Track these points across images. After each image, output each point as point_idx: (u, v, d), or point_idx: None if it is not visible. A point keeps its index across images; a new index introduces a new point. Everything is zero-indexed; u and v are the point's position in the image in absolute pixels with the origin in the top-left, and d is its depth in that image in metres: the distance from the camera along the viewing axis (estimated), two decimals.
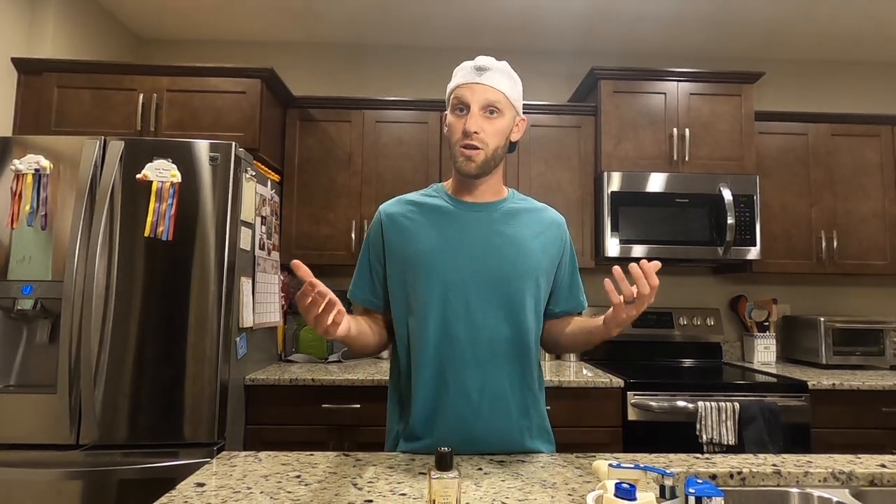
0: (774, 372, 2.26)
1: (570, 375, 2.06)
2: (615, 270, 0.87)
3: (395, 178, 2.39)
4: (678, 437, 1.91)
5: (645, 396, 1.96)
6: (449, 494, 0.68)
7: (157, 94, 2.11)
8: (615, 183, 2.33)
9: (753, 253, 2.33)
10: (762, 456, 1.03)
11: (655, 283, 0.85)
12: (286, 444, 1.88)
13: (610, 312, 0.93)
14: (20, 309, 1.71)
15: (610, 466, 0.71)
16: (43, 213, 1.74)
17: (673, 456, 1.03)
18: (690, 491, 0.66)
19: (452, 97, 1.05)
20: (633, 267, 0.85)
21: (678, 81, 2.41)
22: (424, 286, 1.03)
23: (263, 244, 2.11)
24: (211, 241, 1.75)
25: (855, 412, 2.01)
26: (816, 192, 2.47)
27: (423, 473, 0.91)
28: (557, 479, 0.90)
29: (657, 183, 2.34)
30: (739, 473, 0.94)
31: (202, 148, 1.78)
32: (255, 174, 2.00)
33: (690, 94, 2.41)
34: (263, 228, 2.11)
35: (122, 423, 1.68)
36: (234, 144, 1.81)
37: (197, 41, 2.81)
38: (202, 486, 0.85)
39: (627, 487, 0.62)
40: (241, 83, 2.13)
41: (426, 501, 0.75)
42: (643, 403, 1.95)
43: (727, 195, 2.29)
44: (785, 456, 1.03)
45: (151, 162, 1.75)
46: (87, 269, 1.68)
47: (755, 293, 2.73)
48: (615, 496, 0.62)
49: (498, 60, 1.05)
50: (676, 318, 2.60)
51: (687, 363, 2.53)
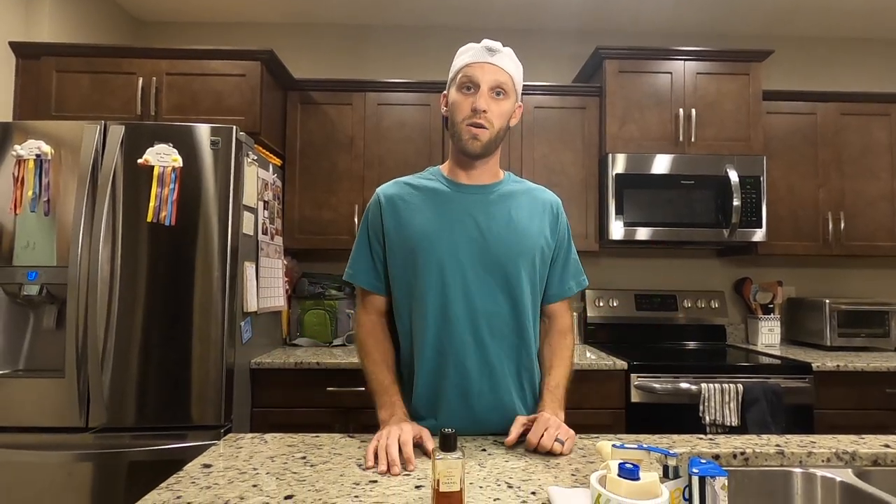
0: (778, 354, 2.26)
1: (574, 357, 2.06)
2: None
3: (397, 161, 2.37)
4: (681, 419, 1.92)
5: (648, 378, 1.97)
6: (453, 475, 0.69)
7: (156, 77, 2.09)
8: (620, 165, 2.30)
9: (759, 235, 2.31)
10: (765, 436, 1.03)
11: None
12: (292, 426, 1.90)
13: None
14: (26, 295, 1.72)
15: (613, 447, 0.72)
16: (46, 198, 1.73)
17: (676, 437, 1.04)
18: (694, 471, 0.66)
19: (461, 75, 1.04)
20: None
21: (684, 60, 2.36)
22: (423, 268, 1.03)
23: (266, 229, 2.11)
24: (214, 225, 1.75)
25: (859, 393, 2.01)
26: (824, 172, 2.43)
27: (426, 454, 0.92)
28: (561, 459, 0.91)
29: (662, 164, 2.31)
30: (743, 454, 0.95)
31: (203, 132, 1.77)
32: (256, 158, 1.99)
33: (697, 73, 2.36)
34: (266, 213, 2.11)
35: (130, 406, 1.70)
36: (234, 128, 1.79)
37: (196, 23, 2.77)
38: (209, 467, 0.86)
39: (631, 468, 0.62)
40: (240, 66, 2.10)
41: (430, 481, 0.75)
42: (646, 385, 1.96)
43: (733, 176, 2.26)
44: (788, 436, 1.03)
45: (152, 147, 1.74)
46: (91, 254, 1.69)
47: (760, 275, 2.71)
48: (618, 476, 0.62)
49: (501, 41, 1.07)
50: (680, 300, 2.59)
51: (691, 345, 2.53)
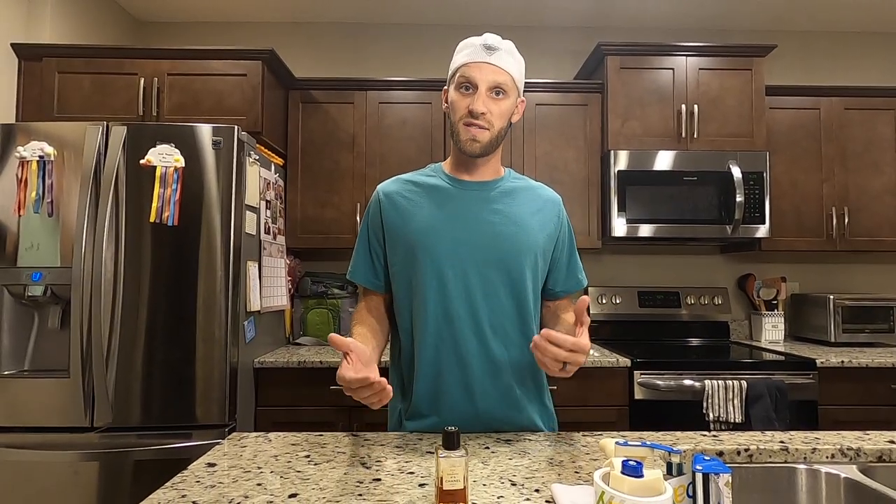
0: (782, 350, 2.25)
1: None
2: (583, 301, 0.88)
3: (398, 159, 2.37)
4: (685, 415, 1.92)
5: (652, 375, 1.96)
6: (456, 473, 0.69)
7: (157, 77, 2.09)
8: (622, 162, 2.30)
9: (762, 231, 2.30)
10: (769, 433, 1.03)
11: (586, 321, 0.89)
12: (296, 424, 1.91)
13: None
14: (31, 295, 1.73)
15: (617, 444, 0.71)
16: (49, 199, 1.74)
17: (680, 434, 1.03)
18: (697, 468, 0.66)
19: (458, 74, 1.03)
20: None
21: (686, 56, 2.35)
22: (423, 265, 1.03)
23: (269, 228, 2.11)
24: (216, 225, 1.75)
25: (863, 389, 2.01)
26: (828, 167, 2.42)
27: (430, 452, 0.92)
28: (564, 457, 0.91)
29: (665, 161, 2.30)
30: (747, 450, 0.95)
31: (205, 132, 1.77)
32: (258, 158, 1.99)
33: (699, 68, 2.35)
34: (268, 212, 2.11)
35: (134, 405, 1.71)
36: (236, 128, 1.80)
37: (196, 23, 2.78)
38: (213, 466, 0.86)
39: (634, 465, 0.62)
40: (241, 65, 2.11)
41: (434, 480, 0.75)
42: (650, 382, 1.95)
43: (736, 172, 2.25)
44: (792, 433, 1.03)
45: (154, 147, 1.74)
46: (94, 254, 1.70)
47: (764, 271, 2.70)
48: (622, 473, 0.62)
49: (503, 38, 1.04)
50: (684, 297, 2.59)
51: (694, 342, 2.53)
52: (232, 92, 2.10)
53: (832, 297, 2.37)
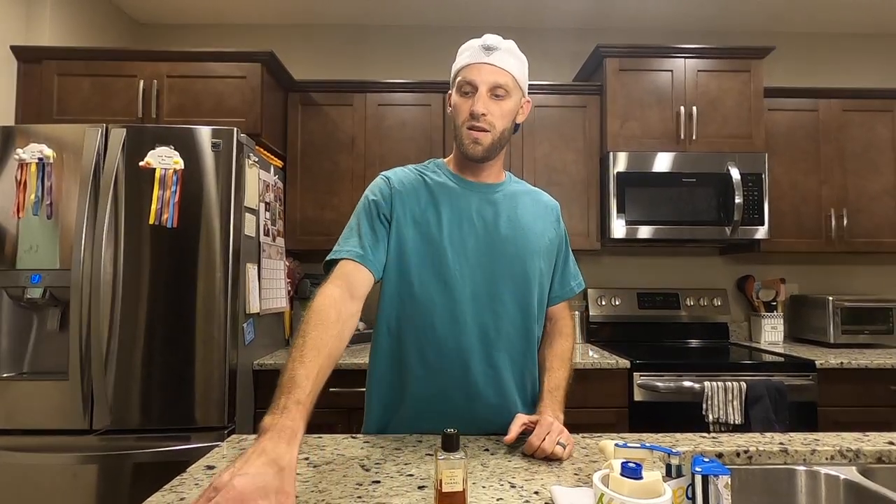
0: (782, 351, 2.25)
1: (576, 357, 2.06)
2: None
3: (398, 161, 2.36)
4: (684, 417, 1.92)
5: (651, 377, 1.96)
6: (455, 475, 0.69)
7: (157, 80, 2.10)
8: (621, 163, 2.30)
9: (761, 232, 2.31)
10: (769, 434, 1.03)
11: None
12: None
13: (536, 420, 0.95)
14: (30, 298, 1.72)
15: (616, 446, 0.71)
16: (48, 201, 1.74)
17: (679, 435, 1.03)
18: (697, 469, 0.66)
19: (459, 77, 1.03)
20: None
21: (685, 58, 2.36)
22: (428, 263, 1.01)
23: (268, 230, 2.11)
24: (215, 227, 1.75)
25: (862, 390, 2.01)
26: (827, 169, 2.42)
27: (429, 455, 0.92)
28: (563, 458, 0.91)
29: (664, 162, 2.31)
30: (746, 452, 0.95)
31: (204, 134, 1.77)
32: (257, 160, 1.99)
33: (698, 70, 2.36)
34: (267, 214, 2.11)
35: (133, 408, 1.70)
36: (235, 130, 1.80)
37: (196, 25, 2.78)
38: (213, 468, 0.86)
39: (633, 466, 0.62)
40: (241, 67, 2.11)
41: (433, 482, 0.75)
42: (649, 384, 1.95)
43: (735, 174, 2.26)
44: (792, 434, 1.03)
45: (154, 149, 1.74)
46: (93, 257, 1.69)
47: (763, 273, 2.71)
48: (621, 475, 0.62)
49: (503, 39, 1.03)
50: (683, 298, 2.59)
51: (693, 344, 2.53)
52: (231, 94, 2.11)
53: (831, 298, 2.37)
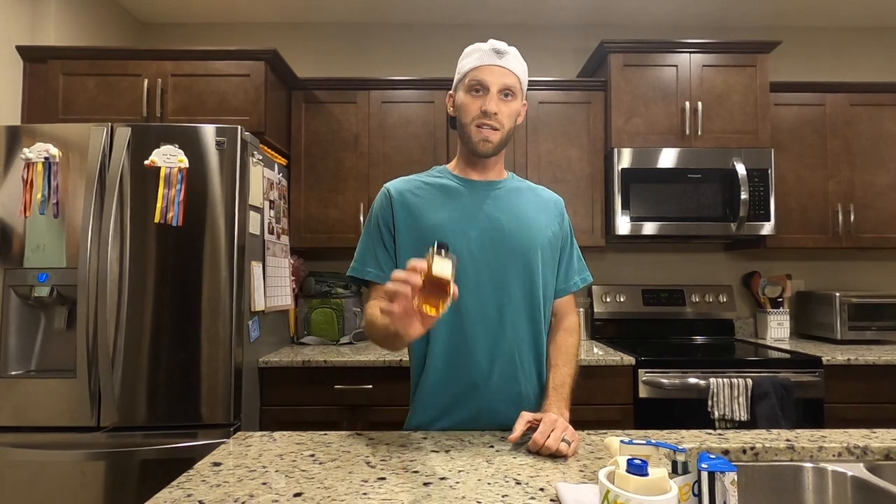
0: (788, 348, 2.24)
1: (581, 353, 2.06)
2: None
3: (402, 158, 2.37)
4: (690, 414, 1.91)
5: (656, 374, 1.96)
6: (445, 266, 0.76)
7: (161, 79, 2.10)
8: (626, 159, 2.29)
9: (767, 228, 2.29)
10: (775, 431, 1.02)
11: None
12: (300, 424, 1.91)
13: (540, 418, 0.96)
14: (37, 296, 1.74)
15: (621, 443, 0.71)
16: (54, 200, 1.75)
17: (685, 432, 1.03)
18: (703, 466, 0.66)
19: (468, 78, 1.07)
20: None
21: (690, 53, 2.34)
22: None
23: (273, 228, 2.12)
24: (220, 225, 1.76)
25: (870, 387, 1.99)
26: (833, 164, 2.40)
27: (435, 451, 0.92)
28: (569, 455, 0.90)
29: (669, 158, 2.29)
30: (752, 448, 0.94)
31: (208, 133, 1.77)
32: (261, 158, 1.99)
33: (703, 65, 2.34)
34: (272, 212, 2.12)
35: (140, 405, 1.71)
36: (240, 128, 1.80)
37: (199, 24, 2.78)
38: (219, 465, 0.87)
39: (639, 463, 0.62)
40: (244, 66, 2.11)
41: (421, 273, 0.78)
42: (654, 381, 1.95)
43: (741, 169, 2.24)
44: (799, 431, 1.02)
45: (159, 148, 1.75)
46: (100, 255, 1.70)
47: (769, 269, 2.69)
48: (627, 472, 0.62)
49: (505, 36, 1.10)
50: (688, 295, 2.58)
51: (699, 340, 2.52)
52: (235, 92, 2.11)
53: (838, 294, 2.35)
